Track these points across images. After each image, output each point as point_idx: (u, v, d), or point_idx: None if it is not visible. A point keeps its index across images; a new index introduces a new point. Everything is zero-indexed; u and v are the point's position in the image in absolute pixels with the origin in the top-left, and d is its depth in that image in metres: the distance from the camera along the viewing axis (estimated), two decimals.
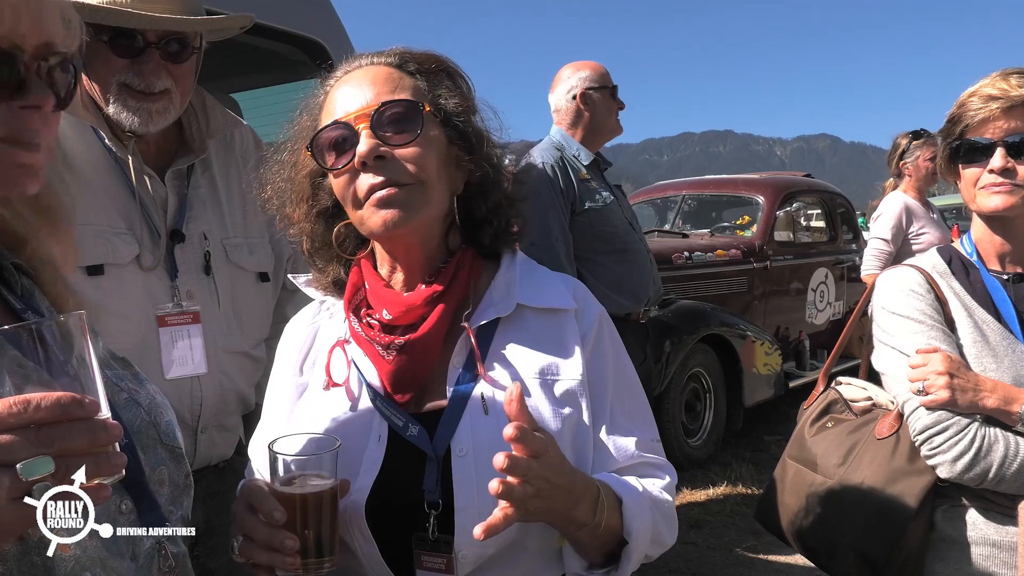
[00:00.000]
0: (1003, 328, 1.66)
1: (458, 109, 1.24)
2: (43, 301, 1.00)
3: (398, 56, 1.25)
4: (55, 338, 0.75)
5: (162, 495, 0.98)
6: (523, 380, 1.21)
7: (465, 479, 1.15)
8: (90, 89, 1.69)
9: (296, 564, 1.05)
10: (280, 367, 1.37)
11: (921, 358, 1.62)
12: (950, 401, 1.56)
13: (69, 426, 0.69)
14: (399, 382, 1.21)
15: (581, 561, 1.19)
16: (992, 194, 1.64)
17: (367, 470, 1.18)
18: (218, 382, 1.77)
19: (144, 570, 0.94)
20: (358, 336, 1.25)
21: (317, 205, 1.28)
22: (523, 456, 1.02)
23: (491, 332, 1.25)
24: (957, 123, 1.69)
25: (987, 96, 1.63)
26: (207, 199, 1.87)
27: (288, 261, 2.04)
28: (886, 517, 1.66)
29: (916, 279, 1.74)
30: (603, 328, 1.31)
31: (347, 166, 1.17)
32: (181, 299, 1.76)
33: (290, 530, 1.05)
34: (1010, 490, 1.56)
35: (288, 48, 2.76)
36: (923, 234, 4.46)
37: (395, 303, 1.22)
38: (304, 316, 1.40)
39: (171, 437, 1.04)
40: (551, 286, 1.32)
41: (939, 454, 1.57)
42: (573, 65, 3.60)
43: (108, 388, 0.97)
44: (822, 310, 7.12)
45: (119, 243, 1.69)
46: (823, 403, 1.96)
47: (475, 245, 1.30)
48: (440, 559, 1.15)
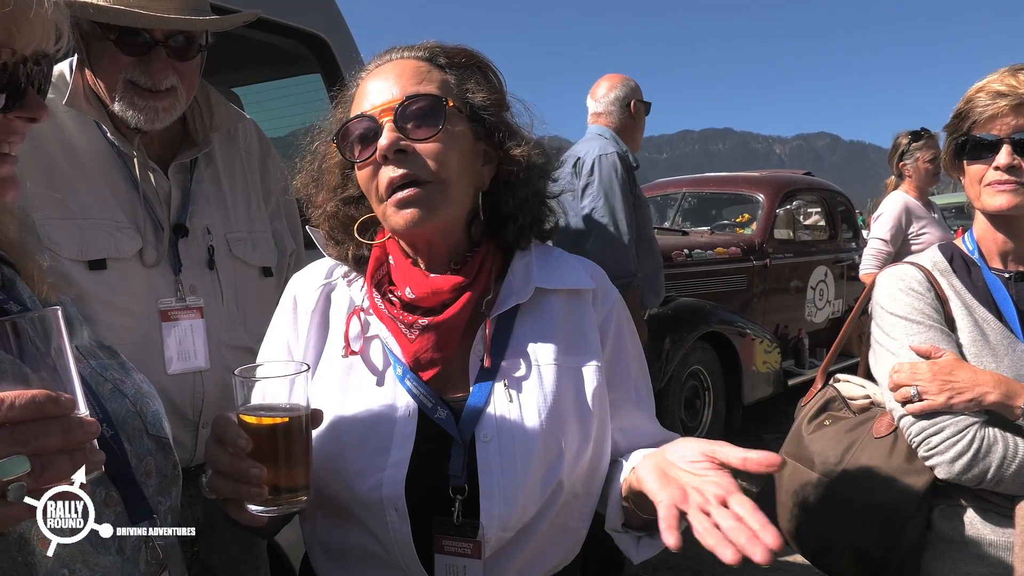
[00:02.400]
0: (1003, 327, 1.65)
1: (486, 103, 1.24)
2: (25, 290, 1.00)
3: (428, 50, 1.26)
4: (33, 332, 0.74)
5: (149, 486, 0.97)
6: (543, 367, 1.23)
7: (491, 464, 1.17)
8: (94, 84, 1.68)
9: (263, 494, 0.98)
10: (282, 319, 1.34)
11: (909, 365, 1.61)
12: (945, 405, 1.55)
13: (44, 424, 0.68)
14: (421, 364, 1.22)
15: (619, 519, 1.23)
16: (997, 192, 1.62)
17: (400, 444, 1.18)
18: (221, 377, 1.77)
19: (130, 563, 0.93)
20: (380, 311, 1.25)
21: (344, 193, 1.31)
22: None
23: (512, 319, 1.27)
24: (964, 119, 1.67)
25: (995, 92, 1.61)
26: (210, 193, 1.87)
27: (291, 256, 2.04)
28: (885, 516, 1.65)
29: (916, 277, 1.72)
30: (621, 312, 1.35)
31: (370, 159, 1.19)
32: (184, 294, 1.75)
33: (257, 459, 0.98)
34: (1008, 490, 1.55)
35: (290, 43, 2.76)
36: (924, 234, 4.45)
37: (421, 283, 1.23)
38: (315, 273, 1.37)
39: (157, 427, 1.03)
40: (568, 267, 1.34)
41: (937, 455, 1.56)
42: (621, 76, 3.93)
43: (92, 379, 0.97)
44: (821, 308, 7.12)
45: (122, 237, 1.68)
46: (821, 401, 1.95)
47: (498, 239, 1.31)
48: (467, 543, 1.16)
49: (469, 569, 1.16)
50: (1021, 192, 1.60)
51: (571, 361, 1.25)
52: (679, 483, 1.00)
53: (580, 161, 3.62)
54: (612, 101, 3.85)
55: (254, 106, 3.35)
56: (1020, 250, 1.70)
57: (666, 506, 0.96)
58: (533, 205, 1.30)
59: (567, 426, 1.21)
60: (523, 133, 1.30)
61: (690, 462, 1.03)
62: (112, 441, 0.93)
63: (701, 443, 1.04)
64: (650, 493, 1.03)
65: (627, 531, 1.24)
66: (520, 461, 1.17)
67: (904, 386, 1.60)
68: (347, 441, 1.19)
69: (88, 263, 1.63)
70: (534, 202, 1.30)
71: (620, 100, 3.85)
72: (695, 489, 0.97)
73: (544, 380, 1.22)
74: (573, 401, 1.23)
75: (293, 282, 1.38)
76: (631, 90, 3.88)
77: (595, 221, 3.53)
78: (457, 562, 1.16)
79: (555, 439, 1.19)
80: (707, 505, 0.94)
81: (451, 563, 1.17)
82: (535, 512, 1.19)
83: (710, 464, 1.00)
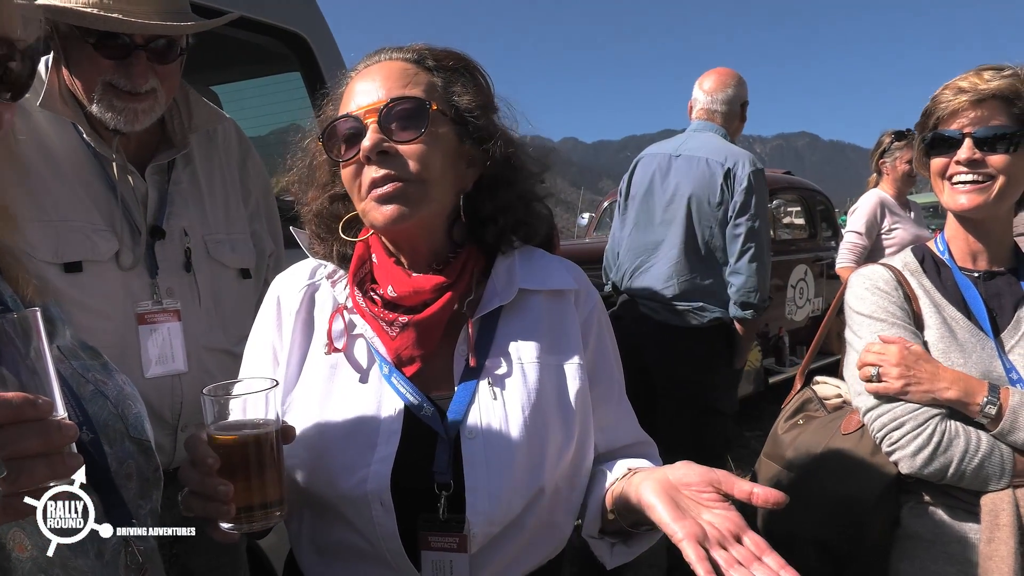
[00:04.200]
0: (972, 325, 1.67)
1: (471, 106, 1.25)
2: (6, 289, 0.99)
3: (417, 52, 1.27)
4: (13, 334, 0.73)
5: (130, 489, 0.97)
6: (527, 365, 1.25)
7: (476, 461, 1.18)
8: (71, 85, 1.66)
9: (232, 512, 0.97)
10: (266, 321, 1.34)
11: (880, 346, 1.63)
12: (901, 391, 1.58)
13: (21, 428, 0.68)
14: (404, 359, 1.24)
15: (596, 526, 1.26)
16: (959, 193, 1.65)
17: (386, 440, 1.19)
18: (199, 380, 1.74)
19: (110, 567, 0.92)
20: (362, 309, 1.26)
21: (333, 190, 1.32)
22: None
23: (495, 319, 1.28)
24: (929, 116, 1.70)
25: (958, 89, 1.64)
26: (188, 194, 1.85)
27: (270, 257, 2.02)
28: (845, 508, 1.67)
29: (884, 276, 1.75)
30: (601, 312, 1.37)
31: (354, 158, 1.20)
32: (161, 296, 1.74)
33: (227, 477, 0.97)
34: (972, 486, 1.57)
35: (269, 41, 2.74)
36: (895, 229, 4.50)
37: (403, 282, 1.24)
38: (298, 274, 1.37)
39: (139, 430, 1.02)
40: (551, 269, 1.35)
41: (899, 449, 1.59)
42: (734, 72, 3.60)
43: (74, 380, 0.96)
44: (801, 307, 7.18)
45: (98, 240, 1.66)
46: (798, 402, 1.97)
47: (479, 241, 1.31)
48: (452, 538, 1.17)
49: (456, 564, 1.17)
50: (983, 193, 1.63)
51: (554, 359, 1.27)
52: (691, 516, 1.02)
53: (731, 174, 3.32)
54: (731, 102, 3.54)
55: (233, 104, 3.32)
56: (988, 250, 1.72)
57: (692, 545, 0.96)
58: (517, 208, 1.31)
59: (550, 422, 1.22)
60: (509, 135, 1.30)
61: (696, 491, 1.05)
62: (91, 445, 0.92)
63: (705, 472, 1.06)
64: (662, 522, 1.03)
65: (602, 537, 1.27)
66: (505, 457, 1.18)
67: (869, 365, 1.63)
68: (333, 438, 1.20)
69: (64, 265, 1.61)
70: (518, 205, 1.31)
71: (737, 100, 3.56)
72: (709, 524, 1.00)
73: (527, 378, 1.24)
74: (556, 398, 1.25)
75: (276, 283, 1.37)
76: (744, 90, 3.59)
77: (752, 242, 3.31)
78: (444, 557, 1.17)
79: (538, 435, 1.21)
80: (726, 542, 0.97)
81: (438, 559, 1.18)
82: (521, 508, 1.20)
83: (715, 495, 1.03)
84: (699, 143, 3.47)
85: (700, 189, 3.35)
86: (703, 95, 3.57)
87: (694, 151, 3.44)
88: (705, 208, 3.35)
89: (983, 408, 1.54)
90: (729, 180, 3.30)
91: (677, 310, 3.38)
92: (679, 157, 3.47)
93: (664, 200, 3.47)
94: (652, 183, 3.53)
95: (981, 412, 1.54)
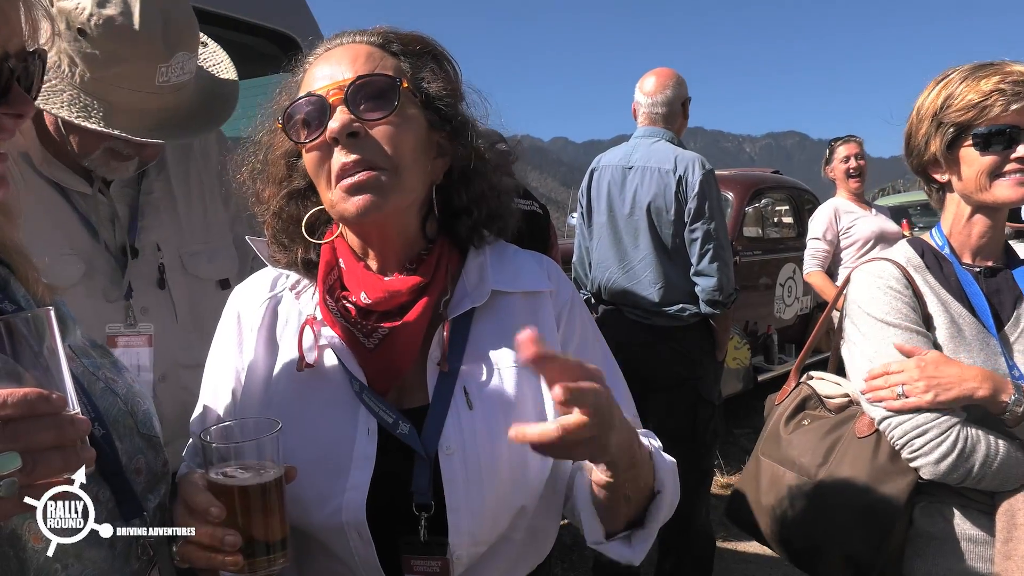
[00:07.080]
0: (976, 321, 1.64)
1: (441, 93, 1.17)
2: (19, 289, 1.00)
3: (381, 35, 1.19)
4: (27, 332, 0.74)
5: (139, 483, 0.98)
6: (503, 370, 1.17)
7: (455, 479, 1.10)
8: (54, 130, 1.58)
9: (240, 563, 0.93)
10: (226, 339, 1.26)
11: (898, 363, 1.59)
12: (933, 403, 1.54)
13: (36, 421, 0.69)
14: (381, 374, 1.15)
15: (600, 529, 1.12)
16: (1016, 184, 1.60)
17: (360, 466, 1.11)
18: (179, 398, 1.70)
19: (121, 558, 0.94)
20: (332, 320, 1.18)
21: (290, 186, 1.23)
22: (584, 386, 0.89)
23: (468, 322, 1.20)
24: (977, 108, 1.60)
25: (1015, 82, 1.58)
26: (161, 204, 1.78)
27: (253, 260, 2.00)
28: (874, 517, 1.64)
29: (894, 274, 1.70)
30: (576, 305, 1.29)
31: (318, 140, 1.11)
32: (136, 317, 1.68)
33: (229, 526, 0.93)
34: (989, 487, 1.56)
35: (259, 41, 2.74)
36: (852, 226, 4.74)
37: (375, 286, 1.16)
38: (258, 286, 1.29)
39: (148, 426, 1.03)
40: (525, 268, 1.28)
41: (921, 456, 1.56)
42: (673, 72, 3.60)
43: (85, 377, 0.97)
44: (790, 305, 7.21)
45: (64, 266, 1.59)
46: (796, 399, 1.91)
47: (451, 235, 1.25)
48: (435, 562, 1.10)
49: None
50: None
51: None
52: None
53: (683, 180, 3.38)
54: (672, 101, 3.55)
55: None
56: (990, 245, 1.71)
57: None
58: (489, 199, 1.24)
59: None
60: (479, 125, 1.23)
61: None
62: (103, 439, 0.94)
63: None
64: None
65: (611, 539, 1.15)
66: (485, 472, 1.11)
67: (890, 385, 1.59)
68: (302, 465, 1.07)
69: None
70: (490, 196, 1.24)
71: (678, 100, 3.57)
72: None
73: (505, 384, 1.16)
74: (534, 403, 1.17)
75: (235, 297, 1.29)
76: (684, 88, 3.60)
77: (710, 244, 3.37)
78: None
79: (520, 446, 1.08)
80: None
81: None
82: (507, 524, 1.14)
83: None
84: (648, 152, 3.53)
85: (657, 199, 3.42)
86: (644, 97, 3.58)
87: (645, 161, 3.51)
88: (664, 217, 3.43)
89: (1010, 405, 1.51)
90: (682, 187, 3.40)
91: (663, 313, 3.47)
92: (631, 169, 3.53)
93: (624, 213, 3.54)
94: (611, 196, 3.60)
95: (1007, 409, 1.51)
